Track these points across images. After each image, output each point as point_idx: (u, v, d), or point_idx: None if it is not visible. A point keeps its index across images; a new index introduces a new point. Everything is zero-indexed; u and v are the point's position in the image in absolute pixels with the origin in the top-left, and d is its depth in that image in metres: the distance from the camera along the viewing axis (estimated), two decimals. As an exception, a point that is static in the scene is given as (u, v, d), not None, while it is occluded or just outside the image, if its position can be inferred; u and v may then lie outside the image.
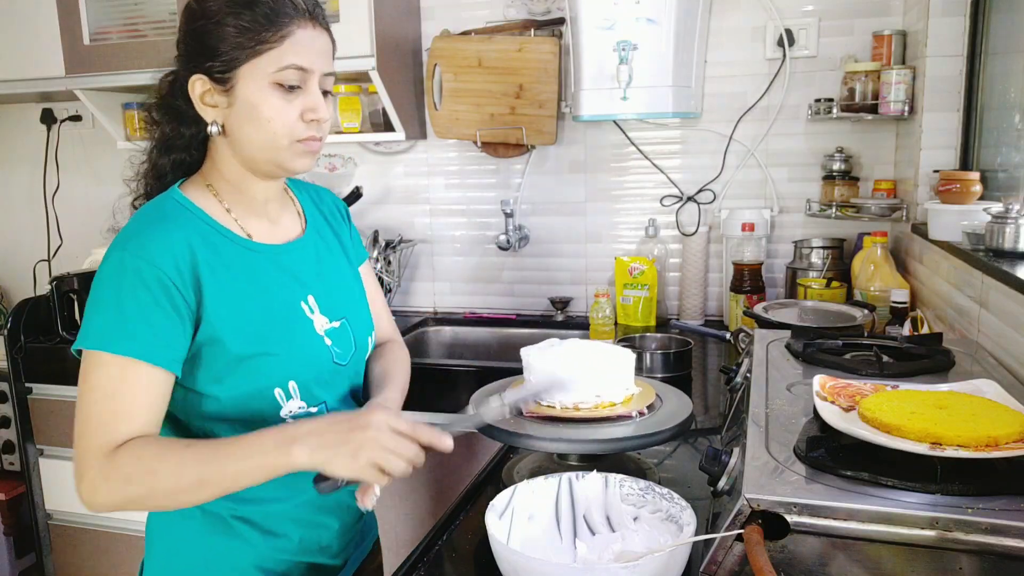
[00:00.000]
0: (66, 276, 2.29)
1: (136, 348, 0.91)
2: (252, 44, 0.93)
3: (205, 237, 0.98)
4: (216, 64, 0.95)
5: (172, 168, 1.06)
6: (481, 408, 1.04)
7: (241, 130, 0.97)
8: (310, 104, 0.97)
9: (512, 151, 2.43)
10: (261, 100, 0.94)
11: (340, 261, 1.15)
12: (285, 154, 0.98)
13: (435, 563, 1.02)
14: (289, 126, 0.96)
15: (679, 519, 0.90)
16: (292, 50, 0.95)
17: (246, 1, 0.93)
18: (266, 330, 0.99)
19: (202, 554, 1.02)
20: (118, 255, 0.94)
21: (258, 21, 0.93)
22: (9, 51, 2.46)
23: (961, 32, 1.80)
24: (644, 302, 2.28)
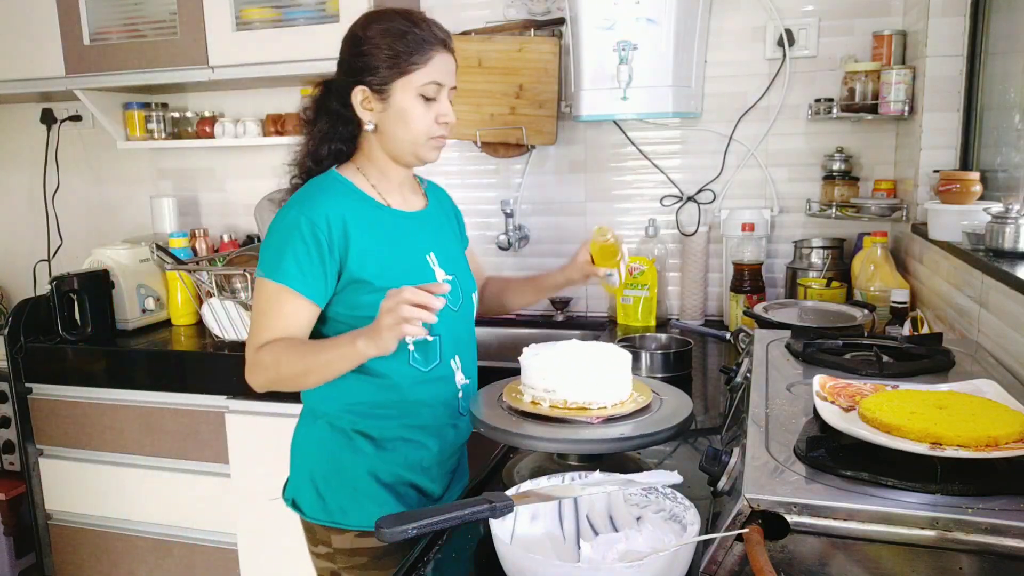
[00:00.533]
0: (66, 276, 2.29)
1: (288, 279, 1.20)
2: (405, 65, 1.24)
3: (354, 204, 1.28)
4: (375, 79, 1.25)
5: (328, 155, 1.33)
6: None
7: (393, 129, 1.28)
8: (443, 111, 1.28)
9: (512, 151, 2.43)
10: (410, 107, 1.26)
11: (452, 234, 1.47)
12: (423, 148, 1.29)
13: (436, 563, 1.02)
14: (427, 127, 1.27)
15: (683, 519, 0.90)
16: (433, 70, 1.25)
17: (401, 32, 1.23)
18: (400, 271, 1.27)
19: (328, 460, 1.31)
20: (289, 211, 1.24)
21: (410, 48, 1.23)
22: (9, 51, 2.47)
23: (961, 32, 1.80)
24: (644, 302, 2.29)
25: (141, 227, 2.84)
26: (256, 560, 2.18)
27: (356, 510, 1.29)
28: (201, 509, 2.22)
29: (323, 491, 1.31)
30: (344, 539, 1.30)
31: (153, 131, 2.64)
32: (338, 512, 1.30)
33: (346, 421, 1.30)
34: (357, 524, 1.29)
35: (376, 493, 1.30)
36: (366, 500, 1.29)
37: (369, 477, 1.30)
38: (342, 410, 1.30)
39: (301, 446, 1.37)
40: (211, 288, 2.13)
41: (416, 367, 1.29)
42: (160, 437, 2.21)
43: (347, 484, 1.30)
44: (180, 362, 2.19)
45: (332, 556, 1.32)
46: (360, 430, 1.30)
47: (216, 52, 2.28)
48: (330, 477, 1.31)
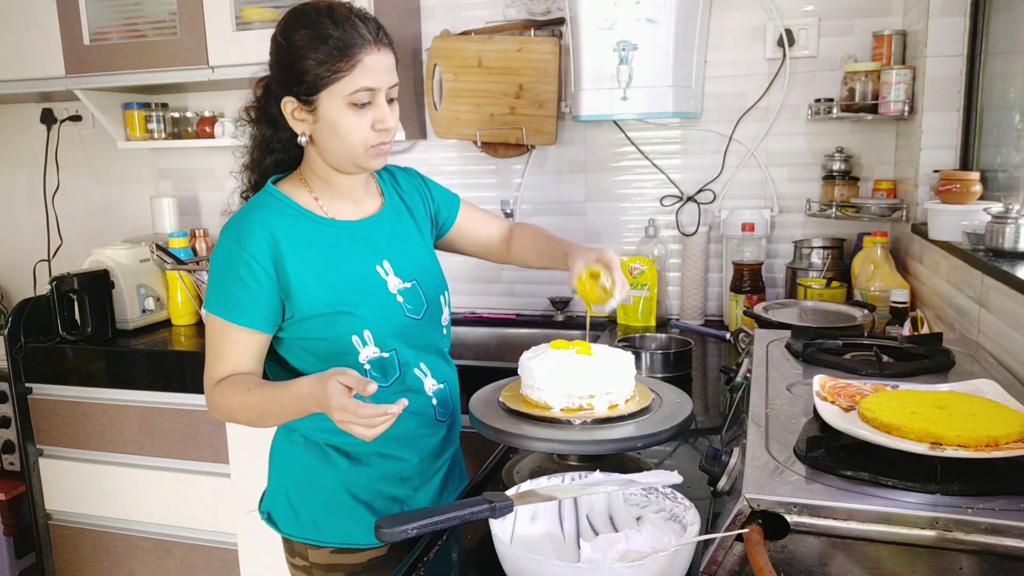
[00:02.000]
0: (66, 276, 2.29)
1: (228, 313, 1.17)
2: (329, 73, 1.13)
3: (290, 223, 1.21)
4: (301, 89, 1.16)
5: (270, 166, 1.28)
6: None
7: (325, 141, 1.19)
8: (379, 116, 1.17)
9: (512, 151, 2.43)
10: (339, 118, 1.16)
11: (412, 233, 1.35)
12: (362, 158, 1.20)
13: (436, 563, 1.02)
14: (363, 137, 1.17)
15: (683, 519, 0.90)
16: (362, 74, 1.14)
17: (322, 36, 1.13)
18: (344, 291, 1.21)
19: (303, 474, 1.28)
20: (221, 241, 1.20)
21: (332, 54, 1.13)
22: (9, 51, 2.47)
23: (961, 32, 1.80)
24: (644, 302, 2.29)
25: (141, 227, 2.84)
26: (256, 560, 2.18)
27: (331, 526, 1.26)
28: (201, 509, 2.22)
29: (297, 506, 1.28)
30: (320, 554, 1.27)
31: (153, 131, 2.64)
32: (312, 528, 1.27)
33: (320, 436, 1.27)
34: (331, 540, 1.26)
35: (352, 509, 1.26)
36: (341, 516, 1.26)
37: (344, 492, 1.26)
38: (315, 425, 1.25)
39: (277, 460, 1.34)
40: (211, 288, 2.13)
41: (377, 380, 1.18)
42: (160, 437, 2.21)
43: (321, 499, 1.27)
44: (180, 362, 2.19)
45: (309, 569, 1.29)
46: (334, 444, 1.26)
47: (216, 52, 2.28)
48: (305, 492, 1.28)
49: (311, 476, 1.28)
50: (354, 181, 1.27)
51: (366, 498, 1.27)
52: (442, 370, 1.35)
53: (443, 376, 1.35)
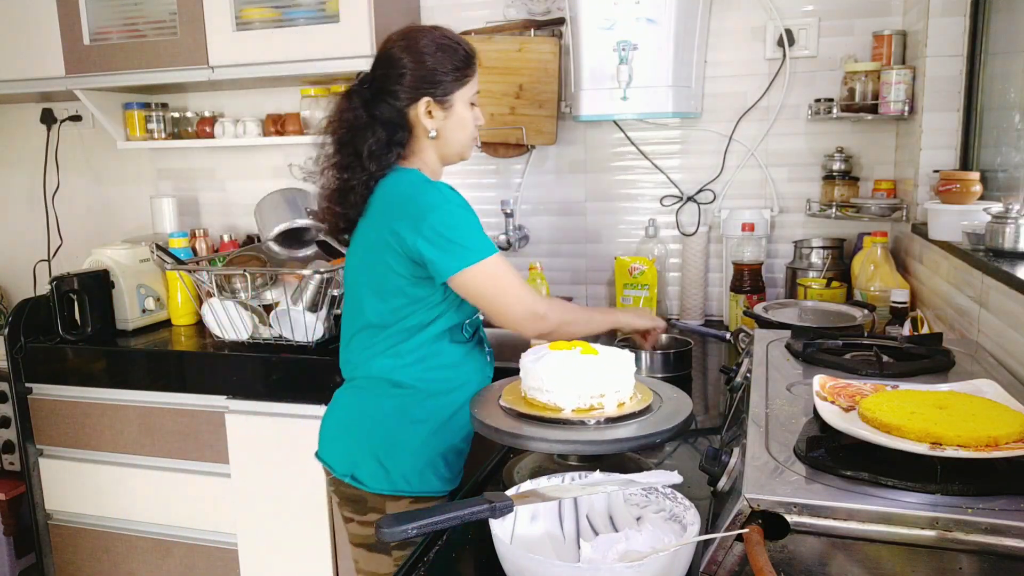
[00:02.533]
0: (66, 276, 2.29)
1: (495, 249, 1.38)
2: (461, 77, 1.42)
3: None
4: (437, 91, 1.40)
5: (395, 158, 1.43)
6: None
7: (452, 134, 1.44)
8: (479, 114, 1.49)
9: (512, 151, 2.43)
10: (466, 115, 1.44)
11: None
12: (468, 148, 1.50)
13: (436, 563, 1.02)
14: (473, 130, 1.48)
15: (683, 519, 0.90)
16: (476, 80, 1.46)
17: (452, 48, 1.40)
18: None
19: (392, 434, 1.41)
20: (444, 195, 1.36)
21: (462, 62, 1.41)
22: (9, 51, 2.47)
23: (961, 32, 1.80)
24: (644, 302, 2.28)
25: (141, 227, 2.84)
26: (256, 560, 2.18)
27: (417, 478, 1.41)
28: (201, 509, 2.22)
29: (386, 462, 1.40)
30: (398, 505, 1.40)
31: (153, 131, 2.64)
32: (401, 481, 1.40)
33: (409, 397, 1.41)
34: (419, 490, 1.41)
35: (434, 461, 1.42)
36: (426, 468, 1.41)
37: (429, 447, 1.41)
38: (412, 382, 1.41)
39: (359, 419, 1.45)
40: (211, 288, 2.13)
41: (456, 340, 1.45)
42: (160, 437, 2.21)
43: (409, 455, 1.40)
44: (180, 362, 2.19)
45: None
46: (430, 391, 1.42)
47: (216, 52, 2.28)
48: (393, 448, 1.41)
49: (400, 434, 1.41)
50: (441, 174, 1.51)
51: (443, 451, 1.43)
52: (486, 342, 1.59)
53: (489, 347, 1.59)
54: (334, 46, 2.18)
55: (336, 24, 2.17)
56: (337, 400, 1.51)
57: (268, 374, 2.07)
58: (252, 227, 2.71)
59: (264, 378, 2.07)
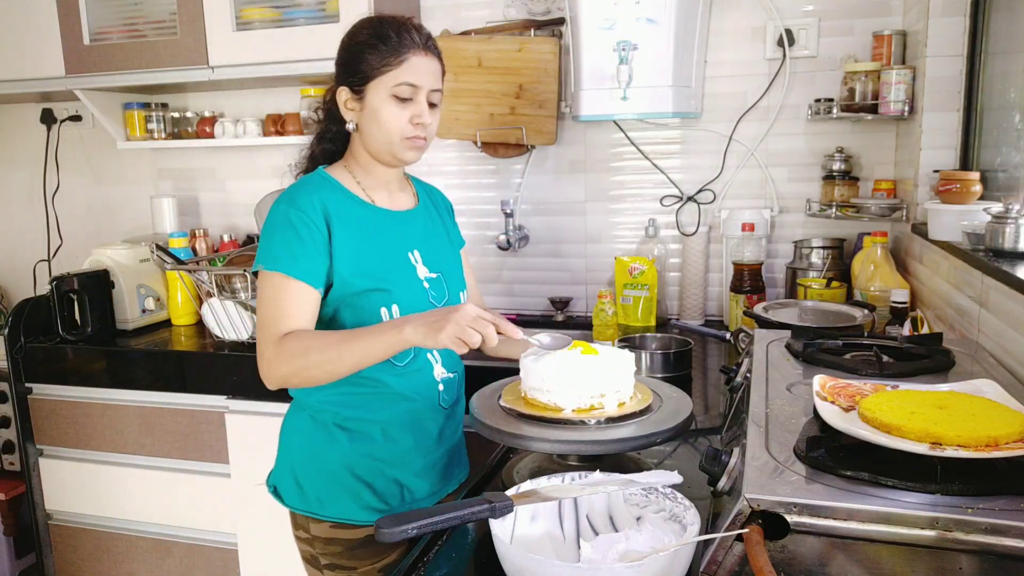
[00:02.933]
0: (66, 276, 2.29)
1: (287, 267, 1.24)
2: (379, 66, 1.28)
3: (337, 200, 1.31)
4: (354, 80, 1.30)
5: (321, 155, 1.41)
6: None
7: (369, 128, 1.32)
8: (417, 112, 1.30)
9: (512, 151, 2.43)
10: (382, 107, 1.29)
11: (441, 235, 1.48)
12: (397, 147, 1.32)
13: (436, 563, 1.02)
14: (400, 128, 1.30)
15: (683, 519, 0.90)
16: (407, 71, 1.29)
17: (381, 36, 1.29)
18: (379, 268, 1.31)
19: (308, 450, 1.35)
20: (275, 207, 1.29)
21: (386, 50, 1.28)
22: (9, 51, 2.47)
23: (961, 32, 1.80)
24: (644, 302, 2.29)
25: (141, 227, 2.84)
26: (256, 560, 2.18)
27: (332, 501, 1.32)
28: (201, 509, 2.22)
29: (302, 481, 1.35)
30: (321, 528, 1.33)
31: (153, 131, 2.64)
32: (315, 502, 1.33)
33: (327, 414, 1.33)
34: (333, 515, 1.32)
35: (352, 486, 1.32)
36: (342, 492, 1.32)
37: (345, 470, 1.32)
38: (323, 402, 1.33)
39: (286, 436, 1.41)
40: (211, 288, 2.13)
41: (392, 361, 1.30)
42: (160, 437, 2.21)
43: (324, 475, 1.33)
44: (180, 362, 2.19)
45: (311, 541, 1.36)
46: (338, 422, 1.33)
47: (216, 52, 2.28)
48: (309, 468, 1.34)
49: (316, 453, 1.34)
50: (390, 174, 1.40)
51: (367, 477, 1.32)
52: (453, 361, 1.42)
53: (453, 367, 1.42)
54: (334, 46, 2.16)
55: (336, 24, 2.17)
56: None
57: (268, 374, 2.07)
58: (252, 227, 2.71)
59: (264, 378, 2.07)
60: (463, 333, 1.09)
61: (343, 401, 1.32)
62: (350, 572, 1.33)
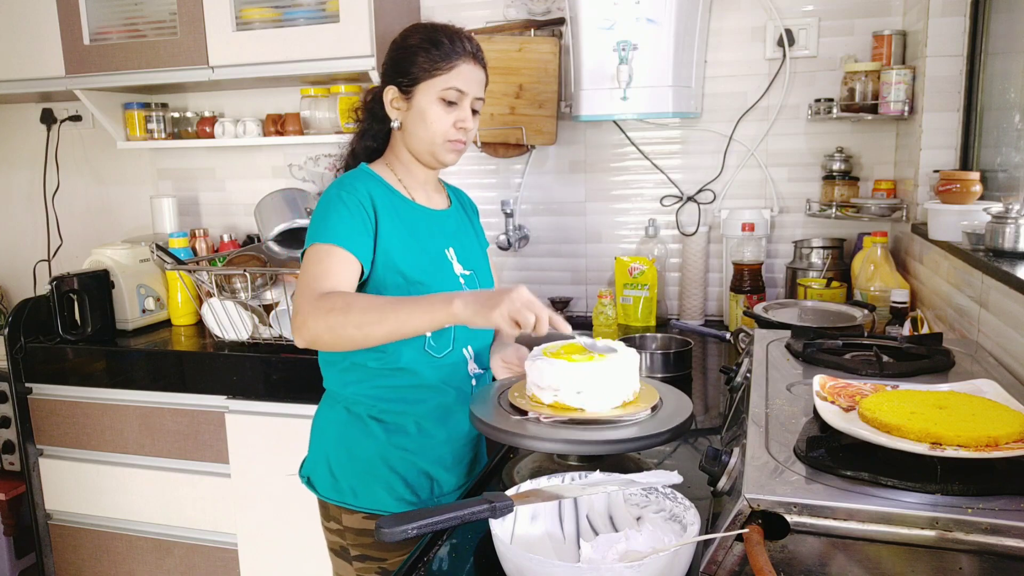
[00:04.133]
0: (66, 276, 2.29)
1: (334, 238, 1.25)
2: (431, 69, 1.33)
3: (383, 193, 1.35)
4: (404, 80, 1.35)
5: (363, 152, 1.45)
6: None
7: (414, 128, 1.36)
8: (461, 116, 1.36)
9: (512, 151, 2.43)
10: (429, 109, 1.34)
11: (471, 235, 1.53)
12: (439, 149, 1.37)
13: (436, 563, 1.02)
14: (444, 130, 1.35)
15: (683, 519, 0.90)
16: (456, 77, 1.34)
17: (435, 41, 1.34)
18: (420, 262, 1.33)
19: (343, 442, 1.36)
20: (328, 191, 1.32)
21: (438, 55, 1.33)
22: (9, 51, 2.47)
23: (961, 32, 1.80)
24: (644, 302, 2.29)
25: (141, 227, 2.84)
26: (256, 560, 2.18)
27: (366, 493, 1.34)
28: (201, 509, 2.22)
29: (336, 472, 1.36)
30: (353, 519, 1.35)
31: (153, 131, 2.64)
32: (349, 493, 1.35)
33: (361, 406, 1.35)
34: (366, 506, 1.34)
35: (386, 478, 1.34)
36: (376, 484, 1.34)
37: (380, 462, 1.34)
38: (358, 395, 1.35)
39: (320, 427, 1.43)
40: (211, 288, 2.13)
41: (430, 352, 1.33)
42: (160, 437, 2.21)
43: (359, 467, 1.35)
44: (180, 362, 2.19)
45: (342, 532, 1.37)
46: (373, 415, 1.34)
47: (216, 52, 2.28)
48: (343, 459, 1.36)
49: (351, 445, 1.36)
50: (429, 174, 1.44)
51: (401, 469, 1.34)
52: (484, 359, 1.45)
53: (484, 365, 1.44)
54: (334, 46, 2.18)
55: (336, 24, 2.17)
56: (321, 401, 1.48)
57: (268, 374, 2.07)
58: (252, 227, 2.71)
59: (264, 378, 2.08)
60: (518, 314, 1.08)
61: (379, 395, 1.34)
62: (380, 563, 1.35)
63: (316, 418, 1.45)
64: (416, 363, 1.32)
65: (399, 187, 1.39)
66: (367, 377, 1.33)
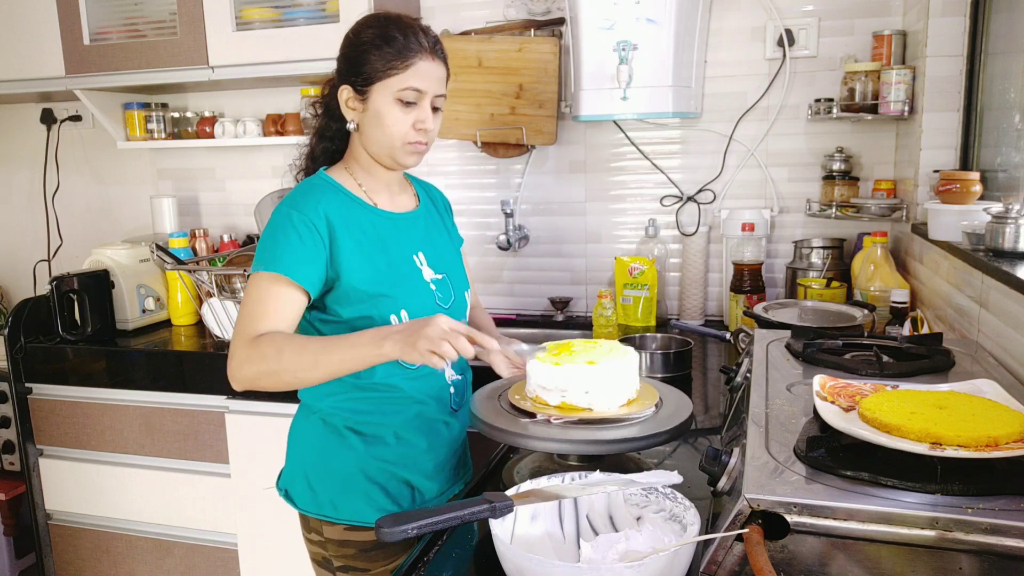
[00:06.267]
0: (66, 276, 2.29)
1: (280, 267, 1.21)
2: (385, 68, 1.25)
3: (341, 204, 1.29)
4: (358, 79, 1.27)
5: (322, 154, 1.39)
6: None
7: (370, 130, 1.30)
8: (421, 117, 1.28)
9: (512, 151, 2.43)
10: (386, 111, 1.27)
11: (443, 235, 1.47)
12: (398, 152, 1.30)
13: (436, 563, 1.02)
14: (403, 132, 1.28)
15: (683, 519, 0.90)
16: (414, 76, 1.26)
17: (387, 37, 1.26)
18: (386, 273, 1.29)
19: (320, 454, 1.34)
20: (277, 210, 1.27)
21: (392, 52, 1.25)
22: (9, 51, 2.47)
23: (961, 32, 1.80)
24: (644, 302, 2.29)
25: (141, 227, 2.84)
26: (256, 560, 2.18)
27: (345, 504, 1.31)
28: (201, 509, 2.22)
29: (314, 484, 1.34)
30: (334, 530, 1.33)
31: (153, 131, 2.64)
32: (328, 505, 1.32)
33: (338, 418, 1.32)
34: (346, 518, 1.32)
35: (365, 488, 1.31)
36: (355, 495, 1.31)
37: (359, 473, 1.31)
38: (334, 407, 1.32)
39: (296, 439, 1.40)
40: (211, 288, 2.13)
41: (403, 364, 1.28)
42: (160, 437, 2.21)
43: (337, 479, 1.32)
44: (180, 362, 2.19)
45: (324, 544, 1.35)
46: (350, 426, 1.31)
47: (216, 52, 2.28)
48: (321, 471, 1.33)
49: (328, 457, 1.33)
50: (391, 176, 1.38)
51: (380, 480, 1.32)
52: (461, 363, 1.41)
53: (461, 369, 1.41)
54: (334, 46, 2.16)
55: (336, 24, 2.17)
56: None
57: (268, 374, 2.07)
58: (252, 227, 2.71)
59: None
60: (437, 347, 1.06)
61: (355, 407, 1.30)
62: (364, 574, 1.33)
63: (292, 430, 1.41)
64: (390, 376, 1.28)
65: (360, 193, 1.33)
66: (342, 390, 1.29)
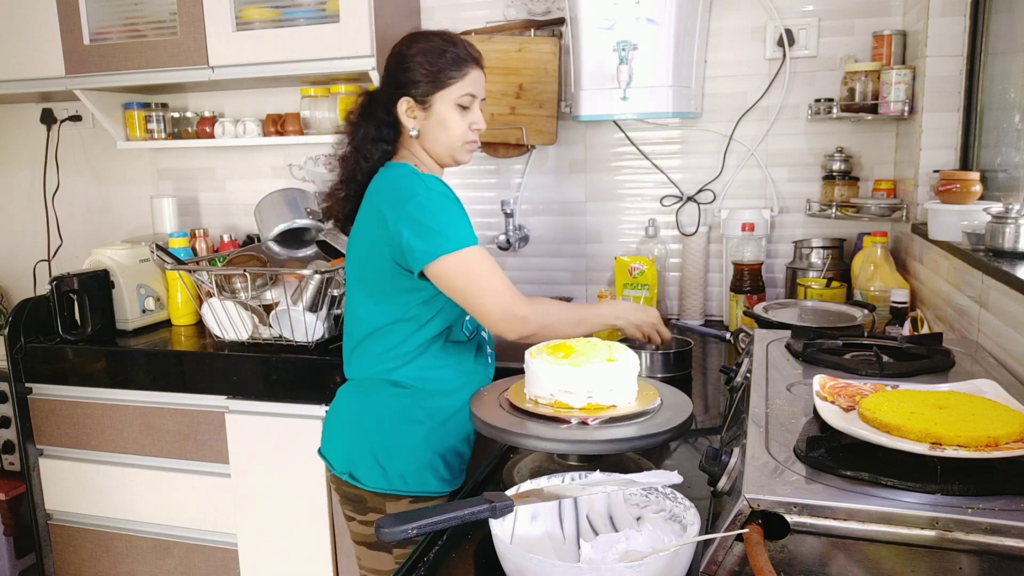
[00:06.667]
0: (66, 276, 2.29)
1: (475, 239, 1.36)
2: (444, 79, 1.43)
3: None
4: (418, 91, 1.43)
5: (379, 154, 1.49)
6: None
7: (434, 135, 1.46)
8: (475, 119, 1.49)
9: (512, 151, 2.43)
10: (448, 116, 1.45)
11: None
12: (458, 151, 1.49)
13: (436, 563, 1.02)
14: (463, 133, 1.47)
15: (683, 519, 0.90)
16: (469, 83, 1.45)
17: (440, 51, 1.42)
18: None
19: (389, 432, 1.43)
20: (418, 193, 1.35)
21: (448, 65, 1.43)
22: (9, 51, 2.47)
23: (961, 32, 1.80)
24: (644, 302, 2.28)
25: (141, 227, 2.84)
26: (256, 560, 2.18)
27: (414, 477, 1.42)
28: (201, 509, 2.22)
29: (383, 462, 1.42)
30: (398, 505, 1.41)
31: (153, 131, 2.64)
32: (398, 480, 1.41)
33: (406, 395, 1.43)
34: (415, 490, 1.42)
35: (431, 460, 1.42)
36: (423, 467, 1.42)
37: (426, 446, 1.42)
38: (410, 377, 1.43)
39: (358, 421, 1.47)
40: (211, 288, 2.13)
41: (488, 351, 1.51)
42: (160, 437, 2.21)
43: (407, 453, 1.42)
44: (180, 362, 2.19)
45: None
46: (418, 400, 1.42)
47: (216, 52, 2.28)
48: (391, 448, 1.42)
49: (397, 433, 1.43)
50: (440, 173, 1.52)
51: (441, 452, 1.44)
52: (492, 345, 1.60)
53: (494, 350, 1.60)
54: (334, 46, 2.18)
55: (336, 24, 2.17)
56: (340, 398, 1.52)
57: (268, 374, 2.07)
58: (252, 227, 2.71)
59: (264, 378, 2.07)
60: (651, 332, 1.51)
61: (425, 389, 1.43)
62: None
63: (347, 412, 1.49)
64: (466, 357, 1.47)
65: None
66: (417, 359, 1.42)
